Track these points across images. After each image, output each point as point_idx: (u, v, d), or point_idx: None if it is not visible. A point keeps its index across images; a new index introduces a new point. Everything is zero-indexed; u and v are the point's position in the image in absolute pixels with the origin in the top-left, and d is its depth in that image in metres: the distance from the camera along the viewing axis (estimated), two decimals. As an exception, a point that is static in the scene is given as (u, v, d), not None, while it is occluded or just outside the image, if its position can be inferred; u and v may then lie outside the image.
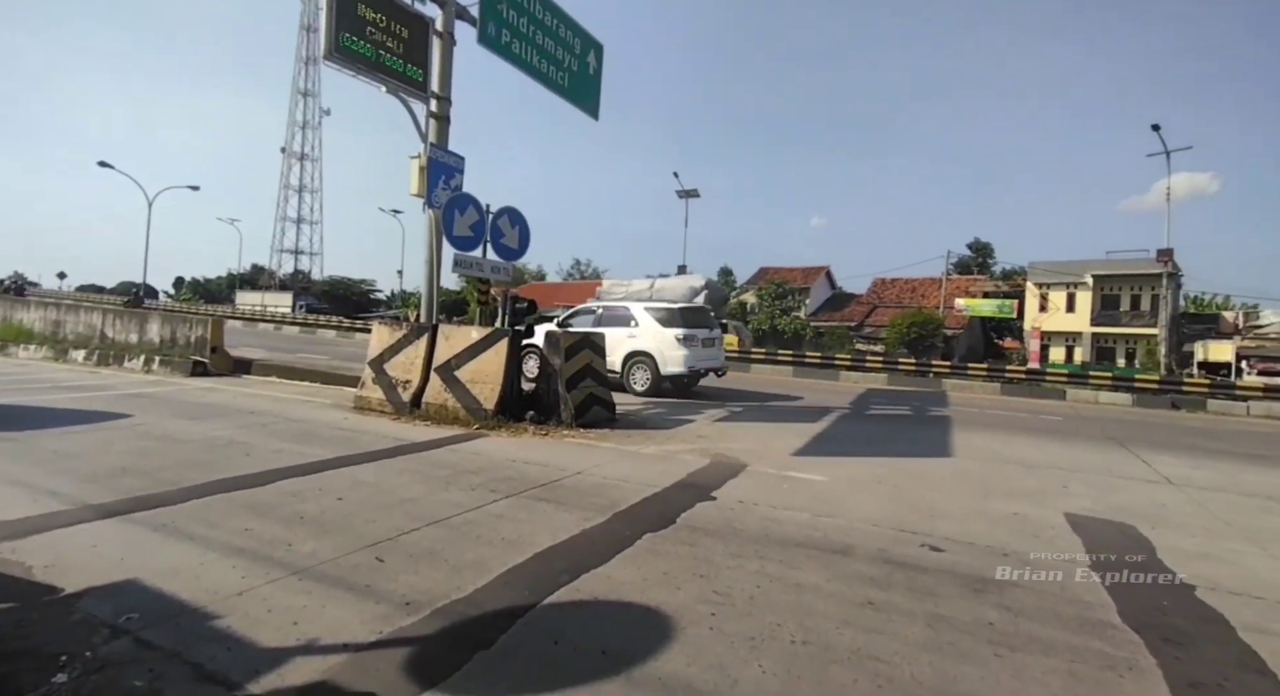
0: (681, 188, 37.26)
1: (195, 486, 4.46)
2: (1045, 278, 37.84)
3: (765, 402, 12.03)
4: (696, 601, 2.99)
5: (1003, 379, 19.55)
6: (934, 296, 39.52)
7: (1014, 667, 2.56)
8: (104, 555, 3.22)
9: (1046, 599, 3.25)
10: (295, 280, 64.92)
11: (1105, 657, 2.68)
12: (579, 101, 10.85)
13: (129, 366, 11.85)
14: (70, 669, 2.22)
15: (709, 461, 6.13)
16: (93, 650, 2.34)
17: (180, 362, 11.38)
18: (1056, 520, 4.71)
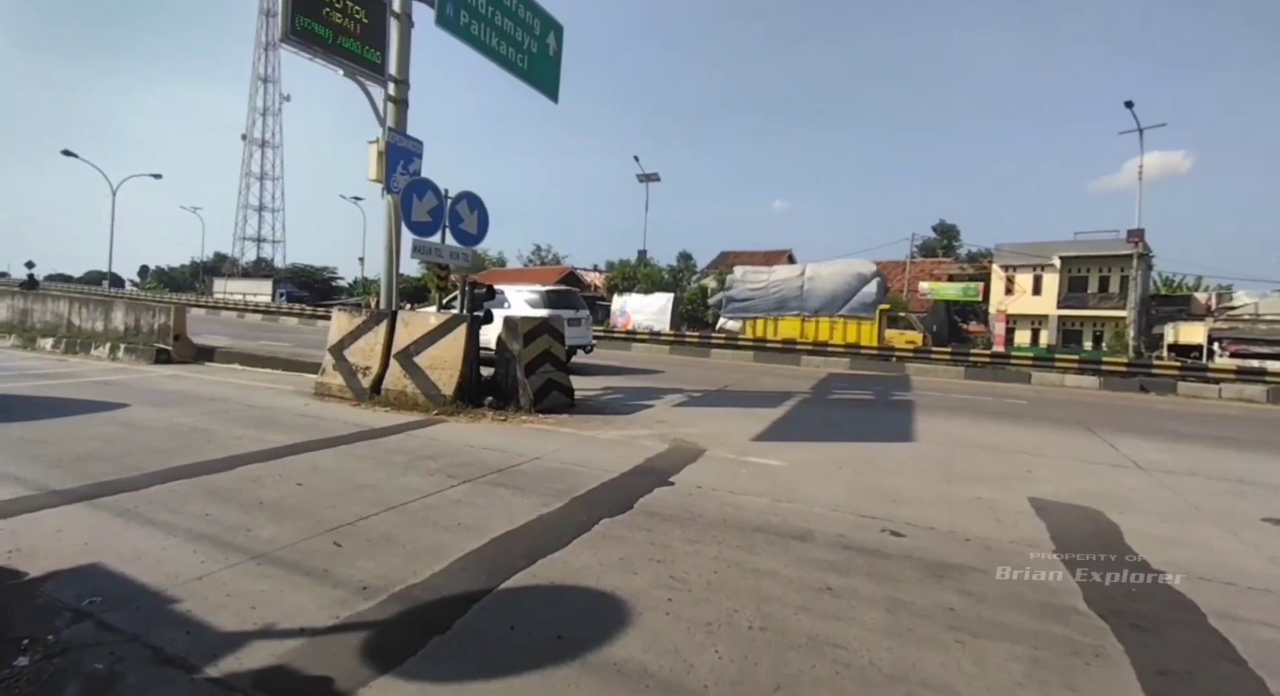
0: (642, 172, 37.23)
1: (158, 472, 4.50)
2: (1012, 260, 38.27)
3: (724, 387, 12.28)
4: (653, 586, 3.07)
5: (967, 363, 19.72)
6: (898, 280, 40.07)
7: (975, 654, 2.55)
8: (68, 540, 3.28)
9: (1009, 584, 3.24)
10: (258, 268, 63.23)
11: (1070, 644, 2.66)
12: (538, 84, 10.77)
13: (95, 354, 11.59)
14: (32, 652, 2.31)
15: (667, 446, 6.27)
16: (55, 633, 2.43)
17: (145, 350, 11.17)
18: (1020, 505, 4.69)
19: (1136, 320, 30.55)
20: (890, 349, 21.59)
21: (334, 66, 7.78)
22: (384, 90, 8.50)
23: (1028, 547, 3.81)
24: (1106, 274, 37.13)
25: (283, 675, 2.27)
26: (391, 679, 2.26)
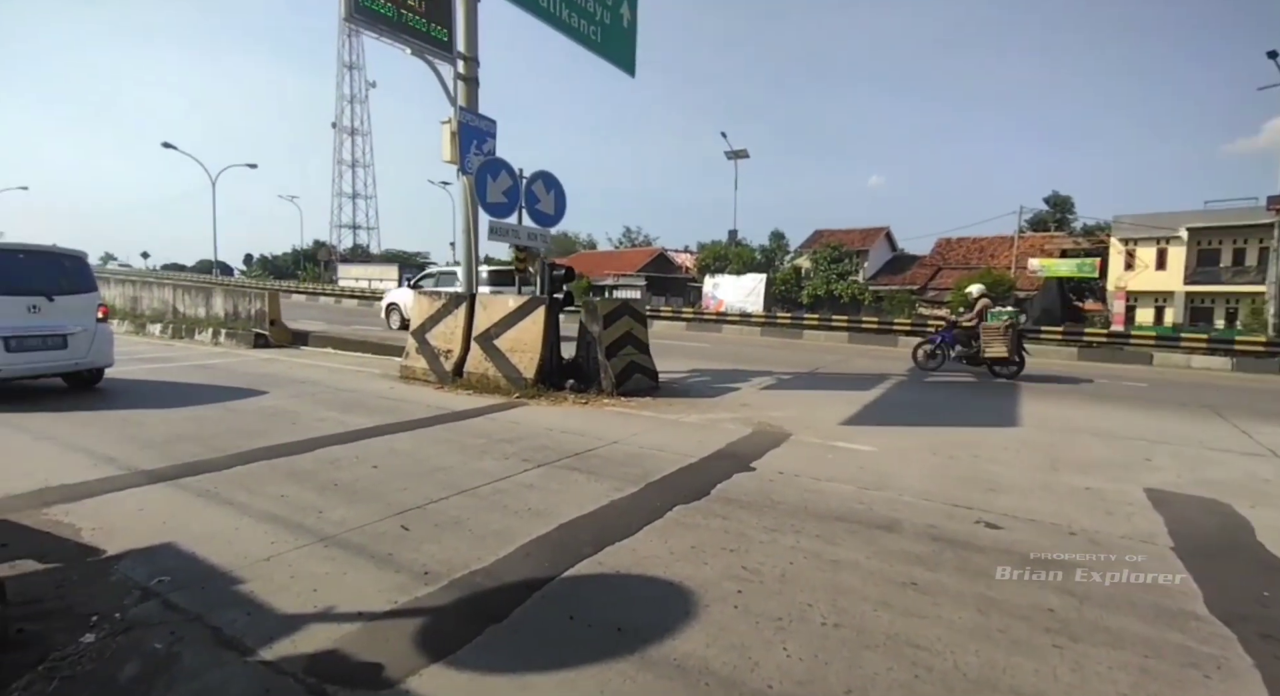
0: (730, 149, 36.29)
1: (241, 453, 4.62)
2: (1132, 232, 35.00)
3: (815, 369, 11.69)
4: (723, 577, 2.87)
5: (1080, 343, 18.13)
6: (1005, 256, 37.35)
7: (1075, 661, 2.30)
8: (148, 519, 3.36)
9: (1118, 584, 2.95)
10: (355, 254, 66.82)
11: (1187, 653, 2.38)
12: (613, 57, 10.43)
13: (199, 339, 12.47)
14: (99, 629, 2.30)
15: (751, 430, 5.96)
16: (122, 612, 2.43)
17: (244, 335, 11.89)
18: (1135, 495, 4.33)
19: (1278, 295, 26.86)
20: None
21: (401, 44, 7.78)
22: (453, 68, 8.45)
23: (1141, 543, 3.48)
24: (1242, 246, 33.32)
25: (335, 660, 2.17)
26: (442, 667, 2.14)
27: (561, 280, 8.55)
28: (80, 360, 6.77)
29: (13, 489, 3.75)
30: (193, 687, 2.00)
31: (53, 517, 3.33)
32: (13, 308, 6.27)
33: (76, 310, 6.78)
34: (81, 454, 4.53)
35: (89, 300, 6.98)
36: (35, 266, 6.73)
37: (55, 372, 6.76)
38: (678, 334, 20.78)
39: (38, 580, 2.66)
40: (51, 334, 6.51)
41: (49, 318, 6.51)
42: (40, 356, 6.41)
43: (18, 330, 6.24)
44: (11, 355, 6.16)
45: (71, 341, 6.64)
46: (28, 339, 6.32)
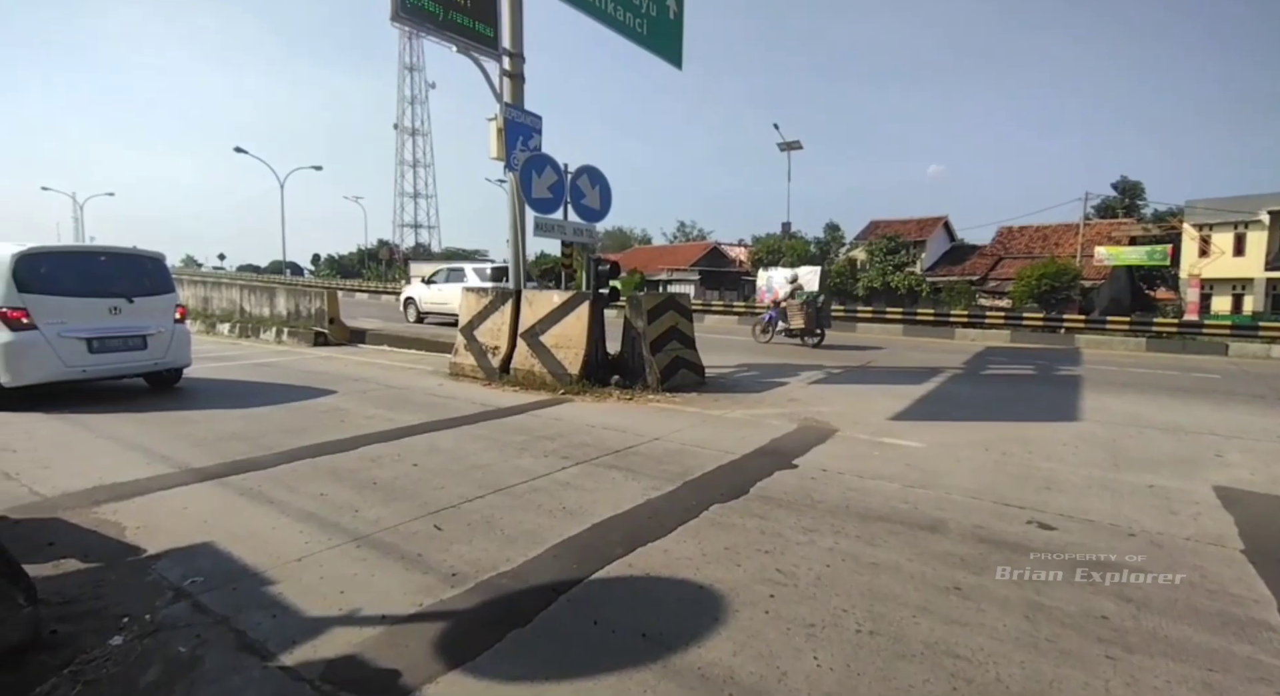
0: (783, 140, 35.49)
1: (287, 451, 4.69)
2: (1207, 217, 32.68)
3: (867, 363, 11.27)
4: (756, 580, 2.74)
5: (1149, 333, 17.10)
6: (1070, 244, 35.39)
7: (1130, 673, 2.13)
8: (190, 517, 3.41)
9: (1180, 590, 2.74)
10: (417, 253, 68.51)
11: (1256, 668, 2.17)
12: (659, 49, 10.21)
13: (264, 338, 12.94)
14: (128, 631, 2.30)
15: (795, 426, 5.75)
16: (152, 613, 2.43)
17: (305, 333, 12.27)
18: (1203, 494, 4.06)
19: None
20: (1058, 319, 18.98)
21: (446, 43, 7.79)
22: (499, 65, 8.43)
23: (1209, 545, 3.25)
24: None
25: (352, 666, 2.13)
26: (459, 675, 2.08)
27: (607, 275, 8.43)
28: (159, 360, 6.88)
29: (69, 487, 3.88)
30: (211, 693, 1.97)
31: (101, 516, 3.42)
32: (95, 309, 6.41)
33: (155, 311, 6.89)
34: (138, 452, 4.68)
35: (167, 301, 7.10)
36: (116, 268, 6.85)
37: (135, 373, 6.87)
38: (729, 328, 20.51)
39: (77, 579, 2.71)
40: (132, 335, 6.62)
41: (129, 319, 6.63)
42: (121, 357, 6.54)
43: (99, 331, 6.37)
44: (94, 356, 6.32)
45: (151, 342, 6.76)
46: (109, 340, 6.45)
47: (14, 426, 5.42)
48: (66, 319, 6.17)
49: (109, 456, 4.58)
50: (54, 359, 6.04)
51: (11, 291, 5.92)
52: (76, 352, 6.18)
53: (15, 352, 5.89)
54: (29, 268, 6.08)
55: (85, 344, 6.25)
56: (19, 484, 3.96)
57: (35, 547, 3.00)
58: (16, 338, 5.89)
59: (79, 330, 6.22)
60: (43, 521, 3.37)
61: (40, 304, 6.04)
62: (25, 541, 3.07)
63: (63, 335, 6.10)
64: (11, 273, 5.94)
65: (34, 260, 6.15)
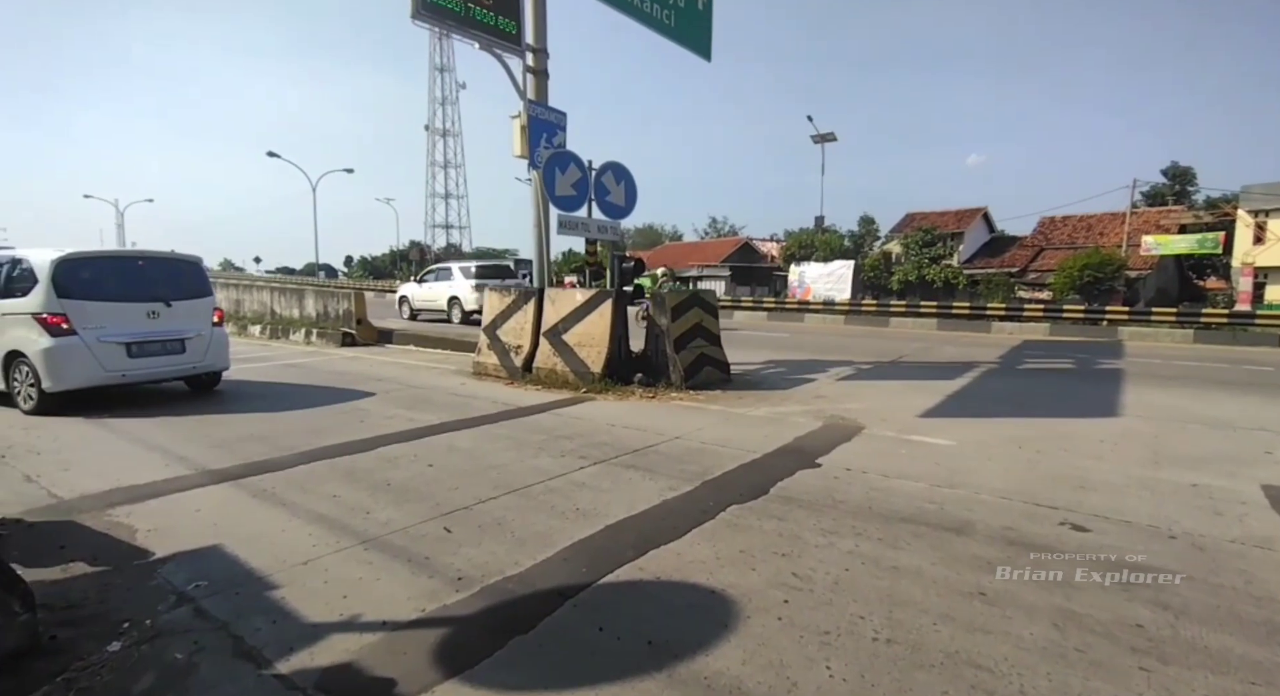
0: (817, 132, 34.90)
1: (305, 452, 4.67)
2: (1264, 203, 30.97)
3: (898, 358, 10.94)
4: (770, 585, 2.62)
5: (1197, 324, 16.34)
6: (1115, 233, 34.05)
7: (1166, 686, 1.98)
8: (202, 520, 3.38)
9: (1223, 596, 2.56)
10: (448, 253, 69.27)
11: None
12: (687, 41, 9.99)
13: (293, 339, 13.14)
14: (127, 637, 2.26)
15: (821, 424, 5.57)
16: (153, 618, 2.39)
17: (333, 334, 12.41)
18: (1251, 494, 3.82)
19: None
20: (1099, 311, 18.23)
21: (469, 40, 7.74)
22: (522, 61, 8.34)
23: (1255, 548, 3.05)
24: (1396, 212, 28.68)
25: (348, 675, 2.06)
26: (456, 684, 2.00)
27: (631, 273, 8.31)
28: (198, 364, 6.85)
29: (87, 489, 3.90)
30: (201, 703, 1.90)
31: (115, 519, 3.41)
32: (134, 314, 6.39)
33: (194, 314, 6.84)
34: (158, 453, 4.71)
35: (205, 305, 7.03)
36: (154, 272, 6.82)
37: (174, 377, 6.83)
38: (758, 324, 20.24)
39: (83, 584, 2.68)
40: (170, 339, 6.58)
41: (168, 323, 6.58)
42: (160, 361, 6.52)
43: (139, 336, 6.34)
44: (133, 360, 6.31)
45: (189, 345, 6.72)
46: (148, 344, 6.42)
47: (42, 429, 5.52)
48: (106, 323, 6.18)
49: (129, 458, 4.62)
50: (94, 364, 6.05)
51: (51, 297, 5.95)
52: (116, 357, 6.19)
53: (56, 358, 5.90)
54: (68, 273, 6.09)
55: (124, 348, 6.26)
56: (38, 486, 3.99)
57: (47, 551, 3.01)
58: (57, 343, 5.91)
59: (118, 335, 6.22)
60: (57, 524, 3.37)
61: (80, 309, 6.06)
62: (38, 544, 3.09)
63: (102, 340, 6.11)
64: (51, 278, 5.98)
65: (73, 265, 6.17)
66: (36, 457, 4.65)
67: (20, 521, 3.39)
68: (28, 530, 3.29)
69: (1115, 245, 32.65)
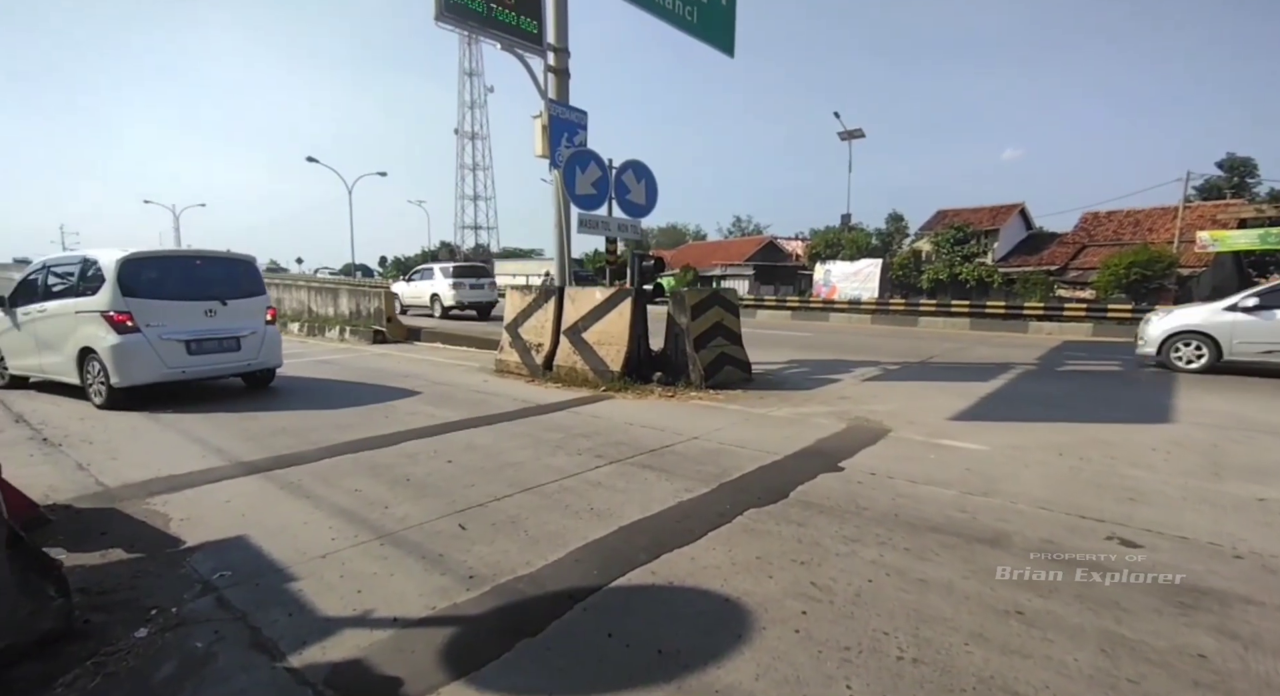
0: (844, 129, 34.47)
1: (330, 446, 4.81)
2: None
3: (928, 359, 10.74)
4: (788, 594, 2.57)
5: None
6: (1166, 229, 32.70)
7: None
8: (231, 510, 3.52)
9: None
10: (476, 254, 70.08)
11: None
12: (711, 38, 9.95)
13: (328, 336, 13.48)
14: (153, 624, 2.37)
15: (845, 426, 5.49)
16: (179, 606, 2.49)
17: (364, 332, 12.71)
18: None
19: None
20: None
21: (491, 40, 7.84)
22: (543, 60, 8.42)
23: None
24: None
25: (356, 672, 2.11)
26: (462, 686, 2.03)
27: (651, 271, 8.33)
28: (252, 361, 7.00)
29: (130, 478, 4.09)
30: (217, 692, 1.99)
31: (152, 507, 3.57)
32: (192, 312, 6.59)
33: (248, 313, 7.00)
34: (198, 445, 4.90)
35: (259, 303, 7.19)
36: (211, 272, 7.00)
37: (230, 373, 7.01)
38: (781, 323, 20.08)
39: (118, 570, 2.81)
40: (226, 336, 6.75)
41: (224, 321, 6.76)
42: (216, 358, 6.68)
43: (197, 333, 6.54)
44: (192, 357, 6.50)
45: (244, 343, 6.88)
46: (206, 342, 6.60)
47: (96, 420, 5.80)
48: (166, 321, 6.39)
49: (171, 449, 4.82)
50: (156, 360, 6.26)
51: (117, 296, 6.18)
52: (176, 354, 6.39)
53: (122, 354, 6.11)
54: (132, 272, 6.32)
55: (184, 346, 6.45)
56: (88, 474, 4.20)
57: (90, 536, 3.17)
58: (123, 340, 6.12)
59: (178, 332, 6.43)
60: (101, 511, 3.55)
61: (142, 307, 6.27)
62: (82, 530, 3.26)
63: (163, 337, 6.32)
64: (117, 277, 6.21)
65: (137, 265, 6.39)
66: (89, 447, 4.89)
67: (69, 507, 3.58)
68: (75, 516, 3.47)
69: (1166, 241, 31.35)
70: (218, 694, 1.98)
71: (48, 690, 2.00)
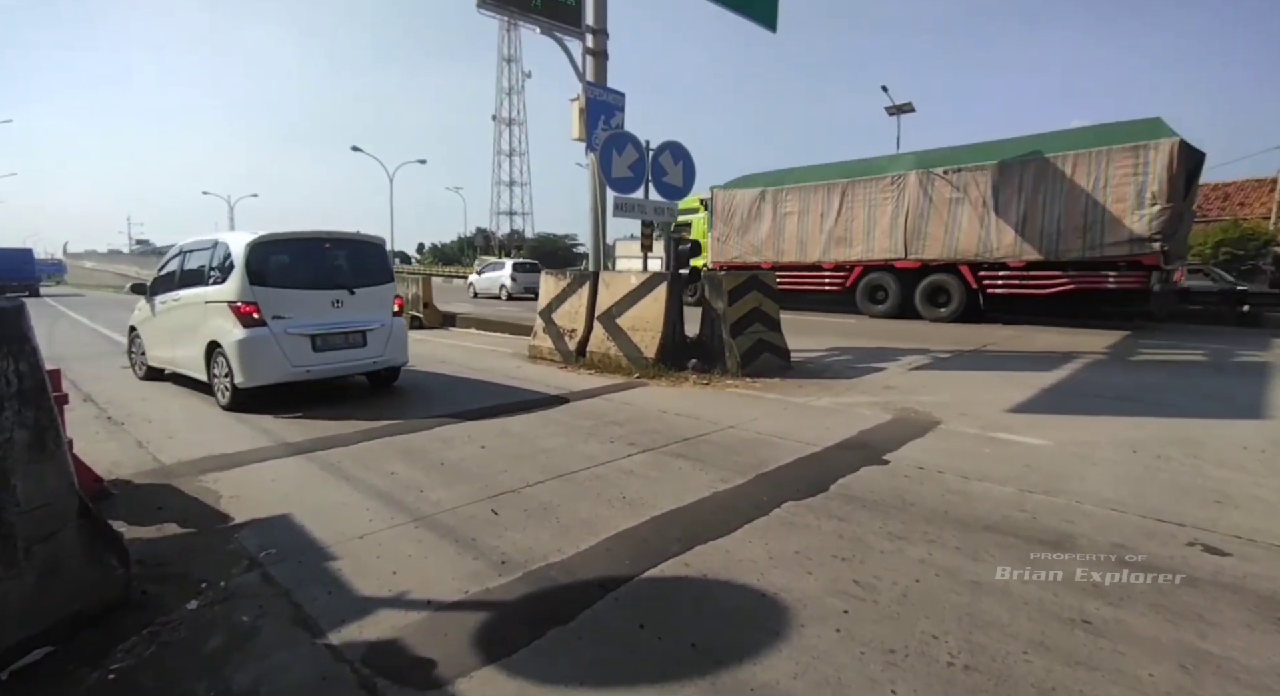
0: (892, 103, 33.38)
1: (367, 430, 4.95)
2: None
3: (982, 346, 10.30)
4: (828, 592, 2.49)
5: None
6: (1262, 204, 29.40)
7: None
8: (276, 489, 3.66)
9: None
10: (511, 240, 70.69)
11: None
12: (752, 12, 9.68)
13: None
14: (203, 597, 2.48)
15: (890, 417, 5.29)
16: (228, 580, 2.61)
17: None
18: None
19: None
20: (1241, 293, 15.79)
21: (531, 24, 7.85)
22: (582, 43, 8.38)
23: None
24: None
25: (392, 652, 2.16)
26: (494, 671, 2.05)
27: (688, 255, 8.26)
28: (378, 358, 6.20)
29: (185, 455, 4.29)
30: (261, 666, 2.07)
31: (204, 484, 3.73)
32: (319, 303, 5.86)
33: (376, 303, 6.25)
34: (247, 425, 5.11)
35: (387, 292, 6.42)
36: (339, 256, 6.24)
37: (355, 372, 6.26)
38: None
39: (172, 544, 2.95)
40: (353, 330, 5.99)
41: (350, 312, 6.01)
42: (342, 355, 5.92)
43: (323, 327, 5.79)
44: (317, 354, 5.74)
45: (370, 338, 6.09)
46: (331, 337, 5.85)
47: (155, 401, 6.09)
48: (293, 313, 5.69)
49: (222, 429, 5.03)
50: (281, 358, 5.56)
51: (245, 284, 5.55)
52: (301, 351, 5.66)
53: (249, 351, 5.47)
54: (261, 257, 5.68)
55: (309, 341, 5.71)
56: (146, 452, 4.42)
57: (147, 511, 3.33)
58: (250, 334, 5.48)
59: (304, 326, 5.70)
60: (157, 487, 3.72)
61: (270, 297, 5.61)
62: (140, 505, 3.43)
63: (289, 332, 5.61)
64: (246, 263, 5.58)
65: (266, 248, 5.75)
66: (149, 425, 5.14)
67: (129, 483, 3.78)
68: (134, 491, 3.66)
69: (1261, 217, 28.80)
70: (261, 667, 2.06)
71: (107, 657, 2.11)
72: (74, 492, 2.31)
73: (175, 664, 2.09)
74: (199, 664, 2.09)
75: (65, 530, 2.24)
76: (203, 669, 2.06)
